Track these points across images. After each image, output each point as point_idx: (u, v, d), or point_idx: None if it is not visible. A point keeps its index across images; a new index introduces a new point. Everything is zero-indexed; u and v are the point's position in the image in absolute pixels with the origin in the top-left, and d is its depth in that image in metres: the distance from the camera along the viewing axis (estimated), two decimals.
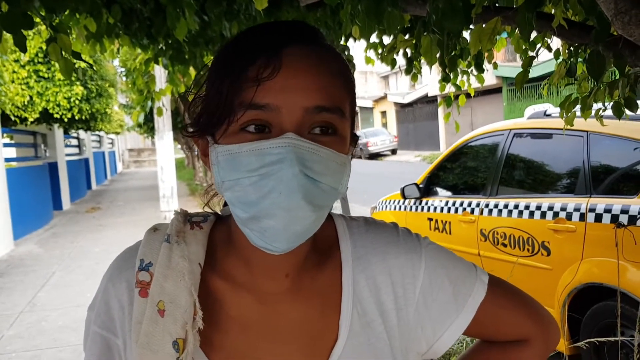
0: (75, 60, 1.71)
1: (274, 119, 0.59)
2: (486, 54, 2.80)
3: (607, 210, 2.76)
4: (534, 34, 2.20)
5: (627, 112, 1.96)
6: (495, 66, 3.28)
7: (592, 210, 2.85)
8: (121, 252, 0.73)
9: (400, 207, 4.64)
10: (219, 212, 0.76)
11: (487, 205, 3.61)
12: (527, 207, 3.26)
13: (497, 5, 1.91)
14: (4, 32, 1.56)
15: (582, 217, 2.89)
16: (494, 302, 0.74)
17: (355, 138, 0.69)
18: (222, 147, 0.61)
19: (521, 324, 0.77)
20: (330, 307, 0.69)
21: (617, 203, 2.74)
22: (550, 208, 3.10)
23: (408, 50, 2.92)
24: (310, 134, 0.59)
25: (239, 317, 0.68)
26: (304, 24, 0.65)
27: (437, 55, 2.02)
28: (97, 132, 18.91)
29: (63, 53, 1.60)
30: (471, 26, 2.00)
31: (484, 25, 1.48)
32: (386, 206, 4.88)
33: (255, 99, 0.58)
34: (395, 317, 0.70)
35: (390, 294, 0.70)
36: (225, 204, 0.76)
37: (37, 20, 1.74)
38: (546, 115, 3.47)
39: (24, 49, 1.44)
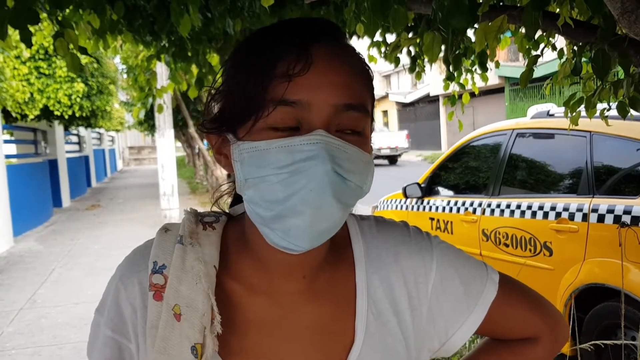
0: (82, 56, 1.70)
1: (303, 115, 0.58)
2: (488, 52, 2.80)
3: (610, 211, 2.76)
4: (538, 33, 2.20)
5: (632, 111, 1.95)
6: (497, 65, 3.28)
7: (594, 210, 2.84)
8: (130, 253, 0.71)
9: (402, 206, 4.63)
10: (228, 212, 0.74)
11: (489, 205, 3.60)
12: (529, 207, 3.26)
13: (501, 3, 1.90)
14: (8, 27, 1.55)
15: (585, 217, 2.88)
16: (504, 301, 0.74)
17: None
18: (248, 144, 0.59)
19: (531, 323, 0.77)
20: (345, 308, 0.69)
21: (619, 204, 2.73)
22: (553, 208, 3.09)
23: (412, 49, 2.93)
24: (337, 132, 0.59)
25: (256, 320, 0.67)
26: (328, 22, 0.65)
27: (441, 54, 2.01)
28: (97, 130, 18.94)
29: (70, 47, 1.59)
30: (475, 25, 2.00)
31: (489, 23, 1.48)
32: (388, 205, 4.88)
33: (286, 95, 0.57)
34: (410, 316, 0.70)
35: (404, 294, 0.70)
36: (233, 204, 0.76)
37: (43, 16, 1.73)
38: (549, 115, 3.46)
39: (29, 44, 1.43)
